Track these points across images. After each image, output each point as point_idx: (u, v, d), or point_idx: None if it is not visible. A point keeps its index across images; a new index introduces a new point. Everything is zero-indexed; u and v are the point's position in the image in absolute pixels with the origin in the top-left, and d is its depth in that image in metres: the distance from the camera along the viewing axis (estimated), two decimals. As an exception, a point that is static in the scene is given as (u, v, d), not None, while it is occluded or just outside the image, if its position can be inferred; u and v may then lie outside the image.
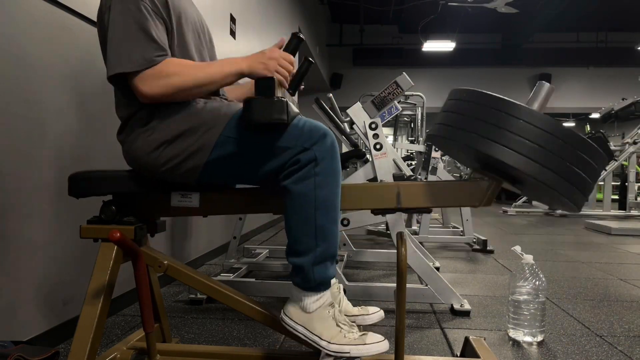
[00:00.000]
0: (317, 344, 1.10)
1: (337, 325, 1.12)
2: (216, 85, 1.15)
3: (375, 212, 1.27)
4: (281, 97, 1.08)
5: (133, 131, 1.17)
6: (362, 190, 1.26)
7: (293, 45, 1.21)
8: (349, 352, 1.09)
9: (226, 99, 1.35)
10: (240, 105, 1.15)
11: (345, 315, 1.27)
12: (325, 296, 1.13)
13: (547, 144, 1.02)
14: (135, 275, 1.09)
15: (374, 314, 1.32)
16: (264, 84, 1.09)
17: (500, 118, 1.05)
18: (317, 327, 1.11)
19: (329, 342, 1.10)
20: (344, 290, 2.11)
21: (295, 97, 1.42)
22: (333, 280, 1.17)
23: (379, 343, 1.11)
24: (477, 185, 1.22)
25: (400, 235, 1.07)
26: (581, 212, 6.26)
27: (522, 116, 1.04)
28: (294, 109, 1.14)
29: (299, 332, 1.12)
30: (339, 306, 1.18)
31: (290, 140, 1.10)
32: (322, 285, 1.13)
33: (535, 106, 1.11)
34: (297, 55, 1.29)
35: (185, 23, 1.23)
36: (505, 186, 1.28)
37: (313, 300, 1.12)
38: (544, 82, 1.13)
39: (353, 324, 1.17)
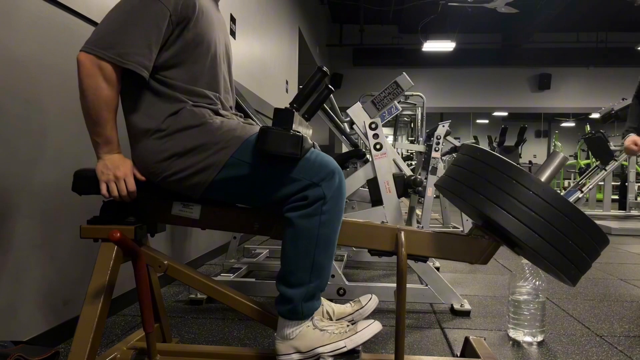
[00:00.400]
0: (316, 355, 1.12)
1: (321, 330, 1.14)
2: (89, 125, 1.14)
3: (372, 252, 1.28)
4: (297, 132, 1.08)
5: (147, 137, 1.16)
6: (362, 229, 1.26)
7: (317, 79, 1.22)
8: (345, 346, 1.11)
9: (241, 116, 1.36)
10: (256, 129, 1.15)
11: (341, 317, 1.28)
12: (306, 323, 1.15)
13: (550, 218, 1.03)
14: (136, 275, 1.09)
15: (369, 302, 1.33)
16: (283, 116, 1.09)
17: (509, 184, 1.06)
18: (306, 343, 1.13)
19: (323, 346, 1.12)
20: (344, 291, 2.11)
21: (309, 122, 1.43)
22: None
23: (370, 326, 1.14)
24: (477, 242, 1.22)
25: (400, 235, 1.07)
26: (581, 212, 6.24)
27: (531, 186, 1.05)
28: (309, 141, 1.15)
29: (298, 359, 1.14)
30: (321, 314, 1.20)
31: (300, 173, 1.11)
32: (307, 316, 1.15)
33: (545, 177, 1.12)
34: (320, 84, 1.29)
35: (207, 45, 1.22)
36: (504, 247, 1.29)
37: (295, 329, 1.14)
38: (558, 152, 1.15)
39: (340, 320, 1.18)
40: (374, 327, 1.13)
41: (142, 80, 1.14)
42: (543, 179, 1.12)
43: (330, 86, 1.31)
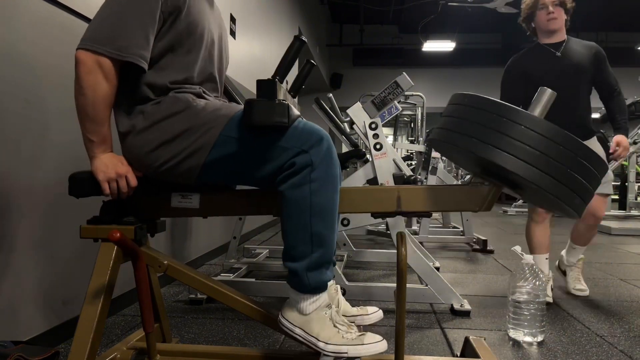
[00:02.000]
0: (315, 345, 1.10)
1: (335, 326, 1.12)
2: (84, 125, 1.13)
3: (375, 215, 1.27)
4: (282, 100, 1.08)
5: (134, 130, 1.16)
6: (362, 193, 1.26)
7: (295, 48, 1.21)
8: (346, 352, 1.09)
9: (226, 101, 1.35)
10: (241, 106, 1.15)
11: (344, 315, 1.27)
12: (322, 298, 1.14)
13: (547, 150, 1.03)
14: (135, 275, 1.09)
15: (373, 314, 1.32)
16: (267, 87, 1.09)
17: (501, 123, 1.05)
18: (314, 328, 1.11)
19: (327, 343, 1.10)
20: (344, 291, 2.12)
21: (296, 99, 1.43)
22: (330, 282, 1.17)
23: (377, 343, 1.11)
24: (477, 190, 1.22)
25: (400, 235, 1.07)
26: (581, 212, 6.24)
27: (523, 122, 1.04)
28: (295, 111, 1.14)
29: (297, 334, 1.13)
30: (337, 307, 1.18)
31: (288, 141, 1.10)
32: (317, 289, 1.13)
33: (537, 112, 1.12)
34: (298, 57, 1.29)
35: (200, 32, 1.22)
36: (506, 191, 1.29)
37: (309, 303, 1.12)
38: (545, 88, 1.13)
39: (352, 324, 1.17)
40: (379, 346, 1.11)
41: (133, 73, 1.13)
42: (535, 114, 1.11)
43: (312, 61, 1.29)
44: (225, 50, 1.41)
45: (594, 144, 2.25)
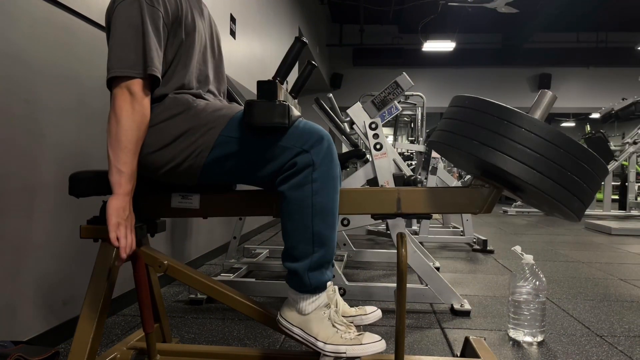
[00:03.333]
0: (314, 345, 1.10)
1: (334, 326, 1.12)
2: (115, 154, 1.07)
3: (376, 217, 1.27)
4: (283, 101, 1.08)
5: None
6: (362, 194, 1.26)
7: (296, 49, 1.21)
8: (345, 352, 1.09)
9: (227, 101, 1.35)
10: (241, 107, 1.15)
11: (343, 316, 1.27)
12: (322, 298, 1.14)
13: (547, 153, 1.03)
14: (135, 275, 1.09)
15: (372, 313, 1.32)
16: (267, 88, 1.09)
17: (502, 126, 1.05)
18: (313, 328, 1.11)
19: (325, 343, 1.10)
20: (343, 291, 2.12)
21: (296, 99, 1.44)
22: (328, 283, 1.17)
23: (375, 343, 1.11)
24: (477, 192, 1.22)
25: (400, 235, 1.07)
26: (581, 212, 6.24)
27: (524, 124, 1.04)
28: (295, 112, 1.14)
29: (296, 334, 1.13)
30: (335, 307, 1.18)
31: (289, 141, 1.10)
32: (318, 288, 1.13)
33: (537, 114, 1.12)
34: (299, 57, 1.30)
35: (194, 38, 1.23)
36: (506, 193, 1.29)
37: (309, 303, 1.13)
38: (546, 90, 1.13)
39: (350, 324, 1.17)
40: (378, 346, 1.11)
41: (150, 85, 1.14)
42: (536, 117, 1.11)
43: (313, 62, 1.30)
44: (219, 44, 1.41)
45: None
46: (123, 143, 1.07)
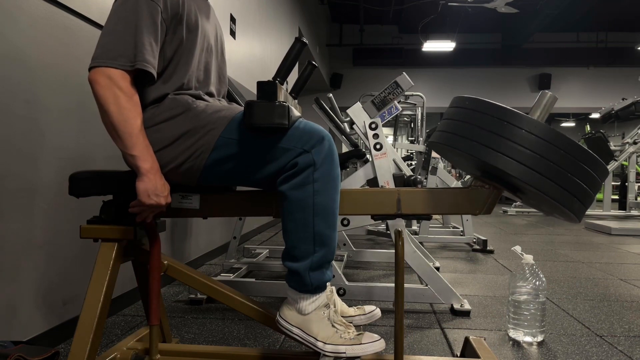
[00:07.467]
0: (313, 345, 1.11)
1: (333, 326, 1.12)
2: (120, 142, 1.08)
3: (375, 217, 1.27)
4: (283, 102, 1.08)
5: None
6: (362, 195, 1.26)
7: (296, 50, 1.21)
8: (344, 352, 1.09)
9: (227, 102, 1.35)
10: (241, 108, 1.15)
11: (342, 316, 1.27)
12: (321, 298, 1.14)
13: (548, 154, 1.03)
14: (150, 262, 1.09)
15: (371, 312, 1.32)
16: (267, 88, 1.09)
17: (502, 127, 1.05)
18: (312, 328, 1.12)
19: (325, 343, 1.10)
20: (343, 291, 2.12)
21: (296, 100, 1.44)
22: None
23: (374, 342, 1.11)
24: (477, 193, 1.22)
25: (398, 232, 1.07)
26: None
27: (524, 125, 1.04)
28: (295, 112, 1.14)
29: (295, 334, 1.13)
30: (334, 307, 1.19)
31: (290, 142, 1.10)
32: (318, 288, 1.13)
33: (537, 115, 1.12)
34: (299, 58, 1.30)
35: (196, 38, 1.23)
36: (506, 194, 1.29)
37: (309, 303, 1.13)
38: (546, 91, 1.13)
39: (350, 324, 1.17)
40: (377, 345, 1.11)
41: (139, 84, 1.13)
42: (535, 117, 1.11)
43: (313, 62, 1.30)
44: (222, 45, 1.41)
45: None
46: (121, 130, 1.07)
